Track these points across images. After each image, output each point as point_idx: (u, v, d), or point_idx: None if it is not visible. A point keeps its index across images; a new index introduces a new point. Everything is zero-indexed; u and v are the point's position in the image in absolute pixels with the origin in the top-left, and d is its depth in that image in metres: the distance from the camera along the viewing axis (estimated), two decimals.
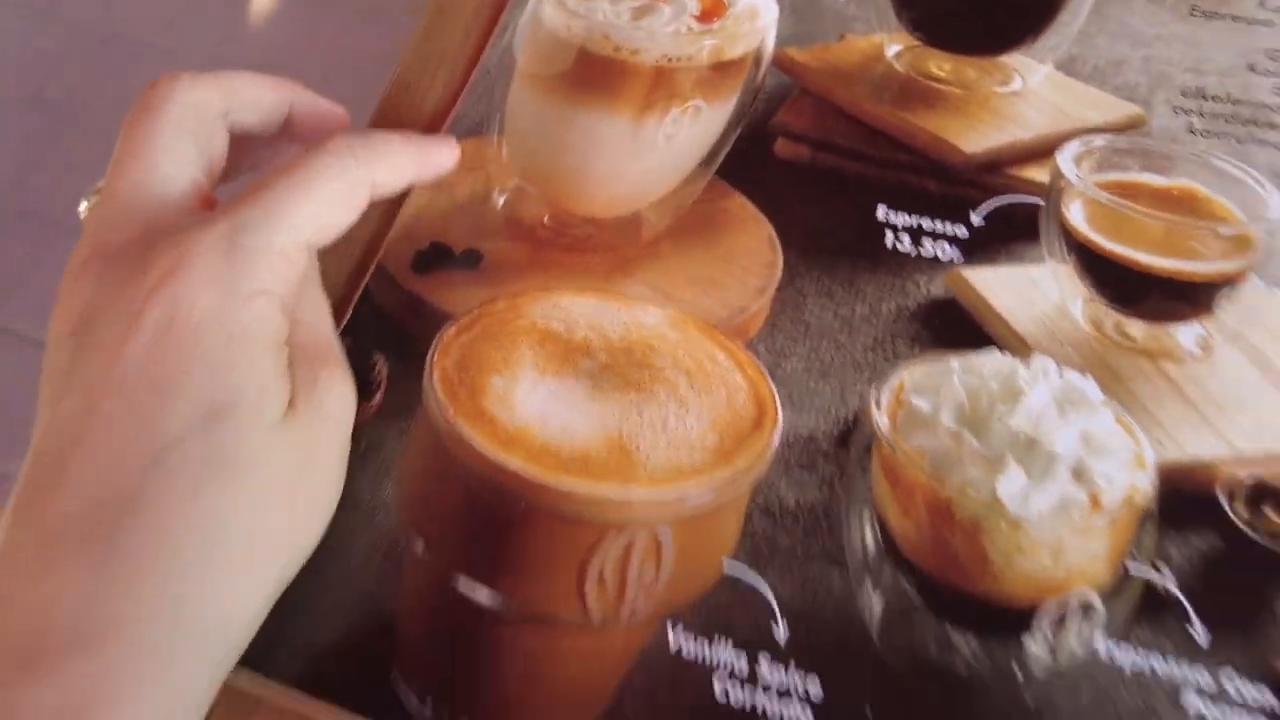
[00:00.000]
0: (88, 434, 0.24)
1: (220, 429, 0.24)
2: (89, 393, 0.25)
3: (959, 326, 0.31)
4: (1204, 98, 0.34)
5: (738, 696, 0.26)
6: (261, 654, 0.26)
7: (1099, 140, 0.33)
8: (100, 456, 0.24)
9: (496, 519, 0.28)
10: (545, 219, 0.33)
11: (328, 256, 0.33)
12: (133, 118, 0.28)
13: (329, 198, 0.28)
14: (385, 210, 0.34)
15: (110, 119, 0.29)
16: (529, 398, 0.30)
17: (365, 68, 0.43)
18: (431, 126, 0.35)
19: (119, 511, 0.23)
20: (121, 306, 0.25)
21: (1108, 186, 0.32)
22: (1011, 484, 0.27)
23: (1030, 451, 0.27)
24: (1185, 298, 0.30)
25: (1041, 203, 0.32)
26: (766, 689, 0.26)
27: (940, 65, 0.37)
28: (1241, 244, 0.31)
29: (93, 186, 0.30)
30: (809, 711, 0.26)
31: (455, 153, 0.31)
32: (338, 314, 0.32)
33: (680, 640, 0.27)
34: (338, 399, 0.27)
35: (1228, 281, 0.30)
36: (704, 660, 0.27)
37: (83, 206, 0.33)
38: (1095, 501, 0.27)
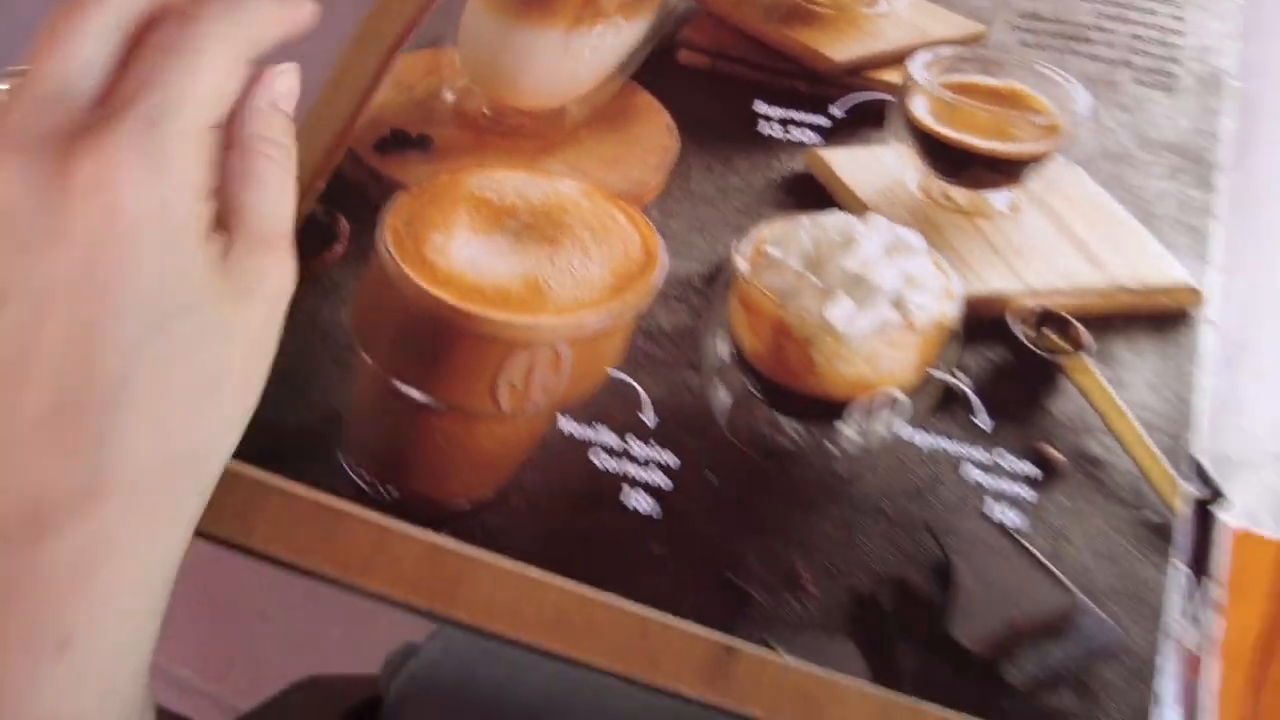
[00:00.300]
0: (39, 348, 0.25)
1: (175, 328, 0.26)
2: (33, 299, 0.25)
3: (814, 195, 0.37)
4: (1036, 19, 0.40)
5: (610, 465, 0.33)
6: None
7: (945, 50, 0.39)
8: (59, 377, 0.25)
9: (430, 339, 0.35)
10: (486, 111, 0.40)
11: (305, 141, 0.41)
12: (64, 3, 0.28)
13: (222, 70, 0.28)
14: (355, 104, 0.41)
15: None
16: (462, 249, 0.37)
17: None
18: (396, 44, 0.42)
19: (103, 404, 0.26)
20: (48, 209, 0.25)
21: (948, 86, 0.38)
22: (839, 310, 0.34)
23: (858, 286, 0.34)
24: (1002, 171, 0.37)
25: (892, 99, 0.39)
26: (634, 460, 0.33)
27: None
28: (1052, 130, 0.37)
29: (10, 68, 0.29)
30: (665, 476, 0.33)
31: (314, 8, 0.32)
32: (315, 187, 0.39)
33: (570, 426, 0.34)
34: (278, 280, 0.30)
35: (1037, 159, 0.37)
36: (587, 440, 0.33)
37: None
38: (909, 324, 0.34)
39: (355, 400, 0.35)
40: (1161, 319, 0.34)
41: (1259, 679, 0.30)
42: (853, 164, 0.37)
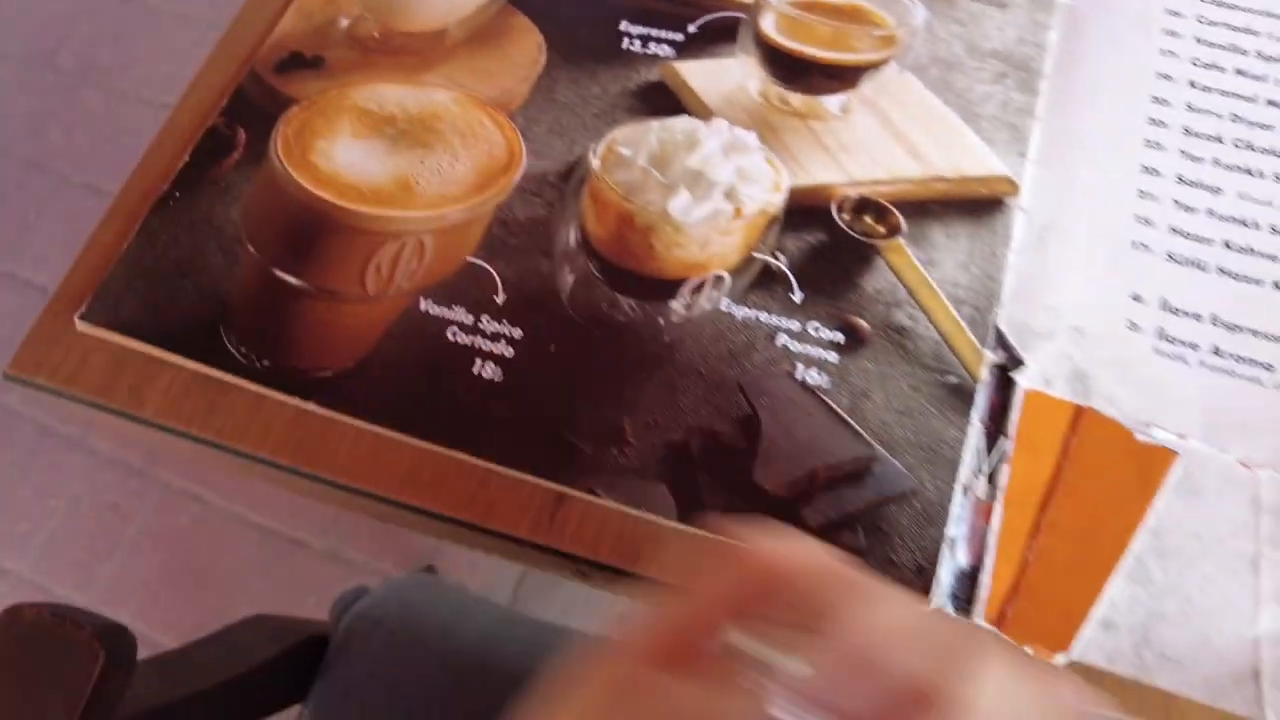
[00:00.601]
0: None
1: None
2: None
3: (666, 103, 0.40)
4: None
5: (462, 339, 0.36)
6: (131, 320, 0.36)
7: None
8: None
9: (309, 232, 0.38)
10: (375, 34, 0.44)
11: (214, 66, 0.44)
12: None
13: None
14: (261, 32, 0.44)
15: (120, 79, 0.38)
16: (344, 154, 0.40)
17: None
18: None
19: None
20: None
21: (795, 4, 0.41)
22: (679, 202, 0.37)
23: (697, 181, 0.37)
24: (838, 78, 0.40)
25: (744, 16, 0.42)
26: (484, 334, 0.36)
27: None
28: (888, 41, 0.40)
29: None
30: (510, 347, 0.36)
31: None
32: (218, 103, 0.42)
33: (428, 305, 0.37)
34: None
35: (871, 67, 0.40)
36: (443, 317, 0.36)
37: None
38: (738, 213, 0.37)
39: (239, 287, 0.38)
40: (977, 206, 0.37)
41: (1039, 523, 0.32)
42: (701, 74, 0.40)
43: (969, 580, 0.32)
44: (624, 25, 0.42)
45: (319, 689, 0.60)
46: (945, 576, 0.32)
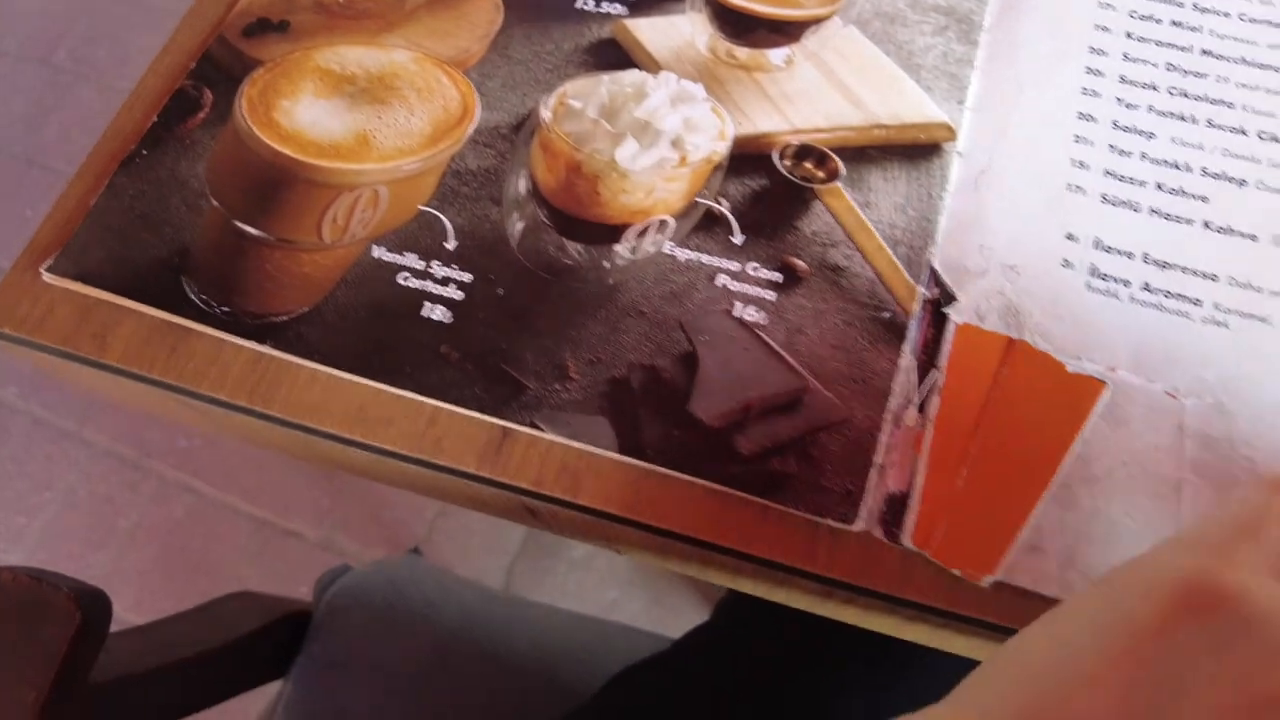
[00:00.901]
0: None
1: None
2: None
3: (617, 58, 0.41)
4: None
5: (413, 284, 0.37)
6: (96, 272, 0.37)
7: None
8: None
9: (271, 185, 0.39)
10: None
11: (185, 31, 0.45)
12: None
13: None
14: (227, 2, 0.46)
15: (117, 76, 0.39)
16: (306, 112, 0.41)
17: None
18: None
19: None
20: None
21: None
22: (626, 151, 0.38)
23: (644, 130, 0.38)
24: (783, 32, 0.41)
25: None
26: (433, 279, 0.37)
27: None
28: None
29: None
30: (460, 291, 0.37)
31: None
32: (187, 67, 0.43)
33: (381, 253, 0.38)
34: None
35: (817, 21, 0.41)
36: (395, 263, 0.38)
37: None
38: (683, 161, 0.38)
39: (201, 238, 0.39)
40: (915, 152, 0.38)
41: (967, 450, 0.33)
42: (652, 30, 0.41)
43: (898, 505, 0.32)
44: None
45: (300, 665, 0.61)
46: (874, 501, 0.32)
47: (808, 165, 0.38)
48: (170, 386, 0.37)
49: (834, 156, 0.38)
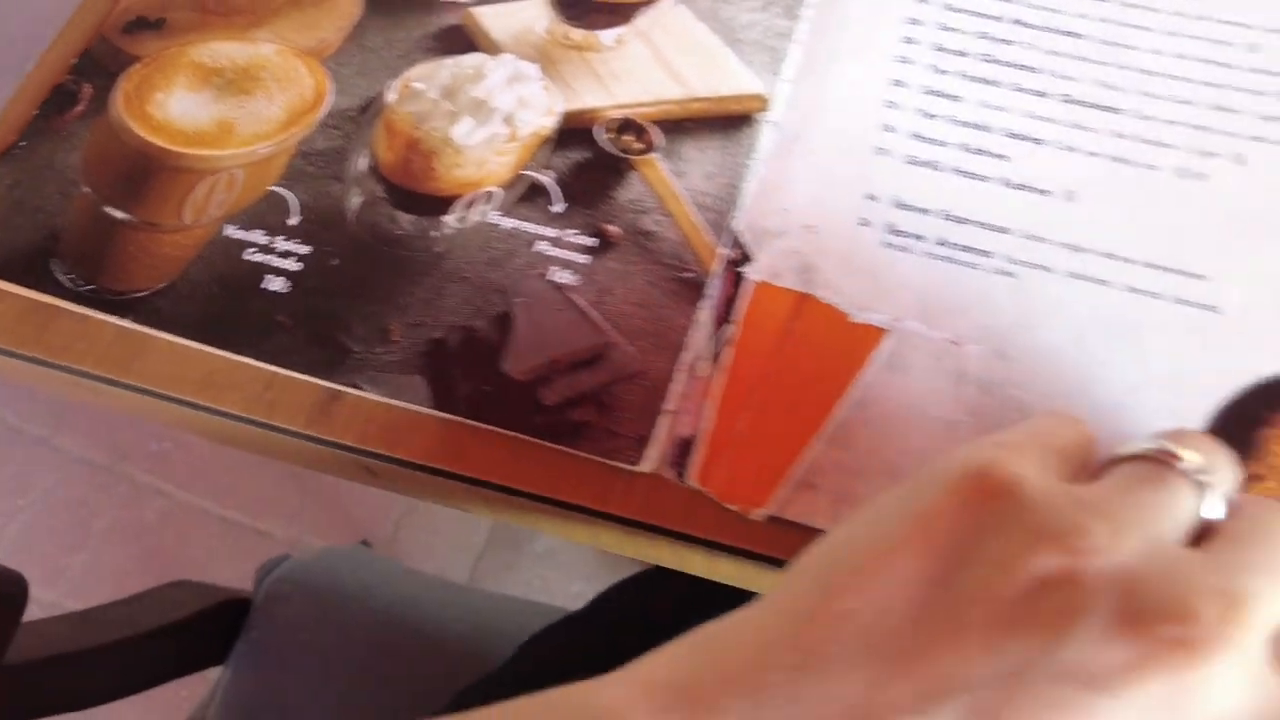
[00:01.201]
0: None
1: None
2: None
3: (463, 44, 0.44)
4: None
5: (257, 258, 0.40)
6: None
7: None
8: None
9: (140, 172, 0.42)
10: None
11: (69, 30, 0.48)
12: None
13: None
14: (110, 2, 0.49)
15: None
16: (177, 104, 0.44)
17: None
18: None
19: None
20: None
21: None
22: (461, 128, 0.40)
23: (480, 108, 0.41)
24: (617, 14, 0.43)
25: None
26: (275, 253, 0.40)
27: None
28: None
29: None
30: (299, 263, 0.39)
31: None
32: (69, 64, 0.46)
33: (231, 230, 0.40)
34: None
35: (648, 2, 0.43)
36: (243, 240, 0.40)
37: None
38: (513, 135, 0.40)
39: (71, 223, 0.42)
40: (730, 123, 0.40)
41: (753, 397, 0.35)
42: (495, 17, 0.44)
43: (687, 448, 0.34)
44: None
45: (238, 651, 0.63)
46: (666, 445, 0.34)
47: (627, 138, 0.40)
48: (41, 361, 0.40)
49: (652, 129, 0.40)
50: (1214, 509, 0.24)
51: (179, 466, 1.09)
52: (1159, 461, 0.24)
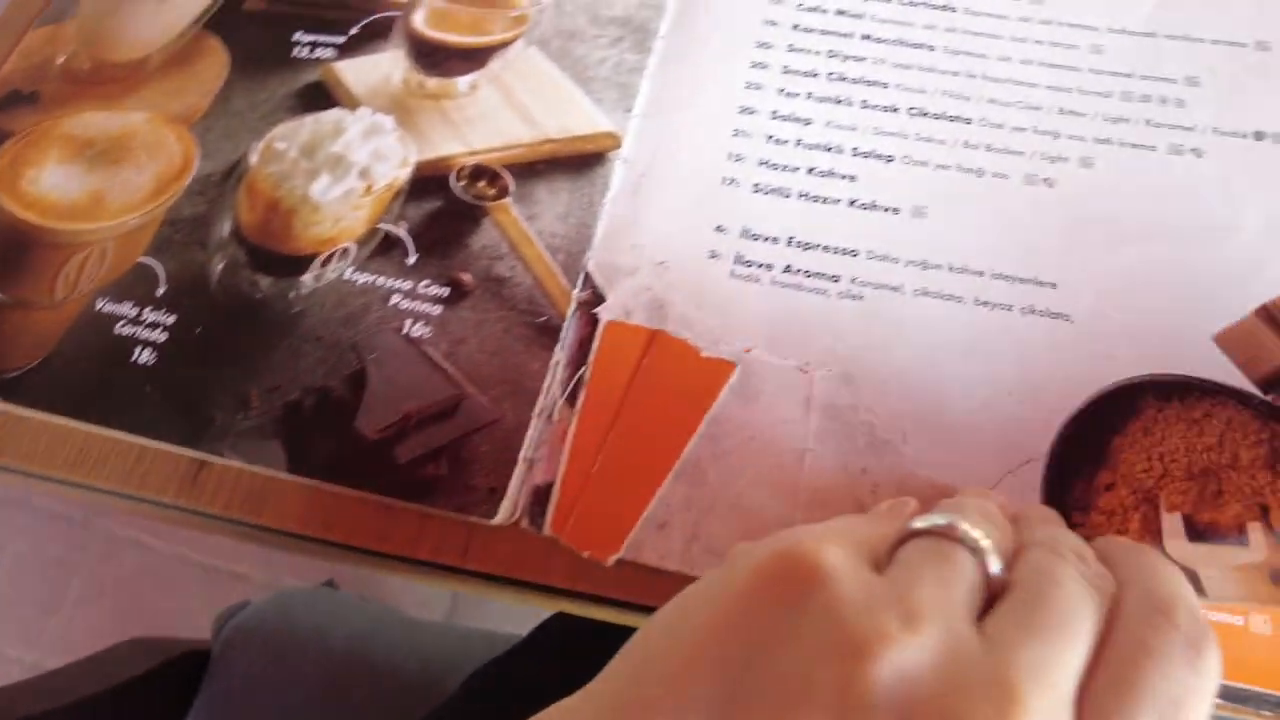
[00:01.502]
0: None
1: None
2: None
3: (324, 100, 0.44)
4: None
5: (127, 331, 0.40)
6: None
7: None
8: None
9: (14, 251, 0.43)
10: (87, 66, 0.48)
11: None
12: None
13: None
14: None
15: None
16: (49, 178, 0.44)
17: None
18: (28, 25, 0.50)
19: None
20: None
21: None
22: (320, 185, 0.40)
23: (338, 163, 0.41)
24: (471, 59, 0.43)
25: (399, 14, 0.45)
26: (144, 324, 0.40)
27: None
28: (520, 21, 0.44)
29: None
30: (165, 333, 0.39)
31: None
32: None
33: (102, 304, 0.41)
34: None
35: (504, 45, 0.43)
36: (113, 313, 0.40)
37: None
38: (368, 189, 0.40)
39: None
40: (582, 162, 0.40)
41: (606, 439, 0.35)
42: (354, 71, 0.44)
43: (545, 496, 0.35)
44: (297, 35, 0.46)
45: (199, 704, 0.64)
46: (521, 494, 0.35)
47: (480, 185, 0.40)
48: None
49: (505, 174, 0.40)
50: (995, 566, 0.24)
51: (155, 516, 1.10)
52: (941, 535, 0.25)
